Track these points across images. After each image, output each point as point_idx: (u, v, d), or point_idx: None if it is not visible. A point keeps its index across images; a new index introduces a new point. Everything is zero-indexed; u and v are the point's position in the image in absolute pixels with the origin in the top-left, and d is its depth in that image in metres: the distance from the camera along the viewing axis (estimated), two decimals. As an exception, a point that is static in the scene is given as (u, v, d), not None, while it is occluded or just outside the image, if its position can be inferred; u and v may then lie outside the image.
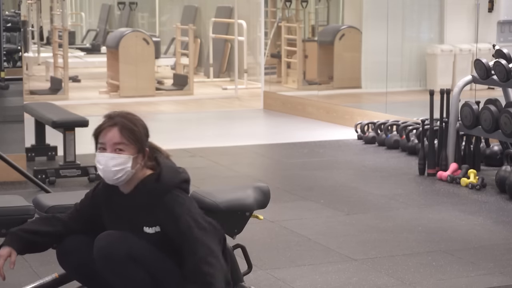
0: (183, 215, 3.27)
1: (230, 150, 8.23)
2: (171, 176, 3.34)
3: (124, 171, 3.28)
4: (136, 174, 3.33)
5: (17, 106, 7.47)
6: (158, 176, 3.33)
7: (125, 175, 3.29)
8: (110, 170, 3.28)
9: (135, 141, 3.30)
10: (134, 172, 3.31)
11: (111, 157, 3.27)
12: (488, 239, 5.26)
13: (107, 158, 3.27)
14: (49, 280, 3.68)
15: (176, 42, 13.51)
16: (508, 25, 10.88)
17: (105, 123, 3.32)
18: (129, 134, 3.29)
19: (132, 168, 3.29)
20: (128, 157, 3.28)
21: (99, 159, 3.30)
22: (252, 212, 3.77)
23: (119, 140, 3.28)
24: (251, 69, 13.72)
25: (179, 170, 3.42)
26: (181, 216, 3.27)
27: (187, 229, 3.25)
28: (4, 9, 7.92)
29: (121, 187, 3.36)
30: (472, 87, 8.13)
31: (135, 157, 3.30)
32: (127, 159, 3.28)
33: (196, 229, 3.26)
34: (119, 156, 3.28)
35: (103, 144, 3.30)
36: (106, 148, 3.29)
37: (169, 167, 3.38)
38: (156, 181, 3.32)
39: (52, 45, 13.48)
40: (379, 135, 8.48)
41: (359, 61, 11.69)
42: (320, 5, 13.52)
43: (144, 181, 3.33)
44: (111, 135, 3.29)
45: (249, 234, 4.99)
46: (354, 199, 6.25)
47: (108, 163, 3.27)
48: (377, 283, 4.43)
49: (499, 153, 7.14)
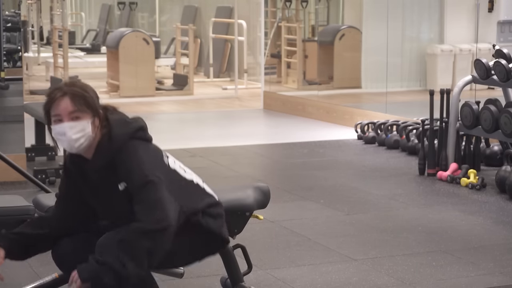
0: (134, 168, 3.26)
1: (230, 150, 8.23)
2: (121, 130, 3.33)
3: (85, 137, 3.28)
4: (95, 139, 3.32)
5: (17, 106, 7.48)
6: (110, 133, 3.32)
7: (86, 141, 3.29)
8: (72, 139, 3.27)
9: (88, 106, 3.29)
10: (94, 136, 3.31)
11: (69, 126, 3.26)
12: (488, 239, 5.26)
13: (66, 127, 3.26)
14: (49, 280, 3.68)
15: (176, 42, 13.52)
16: (508, 25, 10.88)
17: (55, 94, 3.29)
18: (81, 100, 3.28)
19: (92, 132, 3.29)
20: (86, 122, 3.28)
21: (58, 131, 3.29)
22: (252, 212, 3.77)
23: (73, 108, 3.27)
24: (251, 69, 13.72)
25: (129, 120, 3.40)
26: (132, 170, 3.26)
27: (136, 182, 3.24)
28: (4, 9, 7.93)
29: (84, 154, 3.36)
30: (472, 87, 8.13)
31: (92, 121, 3.30)
32: (86, 125, 3.28)
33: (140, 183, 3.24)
34: (78, 123, 3.27)
35: (58, 115, 3.28)
36: (62, 119, 3.28)
37: (118, 121, 3.36)
38: (109, 140, 3.31)
39: (52, 45, 13.48)
40: (379, 135, 8.48)
41: (359, 61, 11.69)
42: (320, 5, 13.52)
43: (100, 143, 3.33)
44: (64, 105, 3.27)
45: (249, 234, 4.99)
46: (354, 199, 6.25)
47: (68, 132, 3.26)
48: (377, 283, 4.43)
49: (499, 153, 7.14)
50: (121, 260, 3.15)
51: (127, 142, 3.32)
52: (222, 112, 11.32)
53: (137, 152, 3.30)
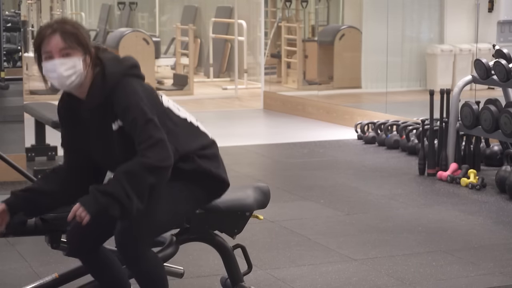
0: (132, 104, 3.23)
1: (230, 150, 8.23)
2: (114, 68, 3.30)
3: (77, 74, 3.25)
4: (87, 77, 3.29)
5: (17, 106, 7.48)
6: (103, 72, 3.28)
7: (78, 78, 3.26)
8: (63, 76, 3.23)
9: (79, 43, 3.26)
10: (85, 74, 3.27)
11: (60, 63, 3.23)
12: (488, 239, 5.26)
13: (57, 64, 3.23)
14: (49, 280, 3.68)
15: (176, 42, 13.52)
16: (508, 25, 10.88)
17: (46, 31, 3.27)
18: (72, 37, 3.25)
19: (83, 69, 3.26)
20: (77, 59, 3.24)
21: (48, 68, 3.25)
22: (252, 212, 3.76)
23: (64, 45, 3.24)
24: (251, 69, 13.72)
25: (122, 58, 3.37)
26: (131, 107, 3.23)
27: (136, 119, 3.21)
28: (4, 9, 7.93)
29: (77, 93, 3.32)
30: (472, 87, 8.13)
31: (83, 58, 3.26)
32: (77, 62, 3.24)
33: (142, 120, 3.21)
34: (69, 59, 3.24)
35: (48, 52, 3.25)
36: (53, 56, 3.24)
37: (110, 59, 3.33)
38: (102, 78, 3.28)
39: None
40: (379, 135, 8.48)
41: (359, 61, 11.69)
42: (320, 5, 13.52)
43: (93, 82, 3.29)
44: (55, 42, 3.24)
45: (249, 234, 4.99)
46: (354, 199, 6.25)
47: (59, 69, 3.23)
48: (377, 283, 4.43)
49: (499, 153, 7.14)
50: (127, 192, 3.13)
51: (121, 79, 3.28)
52: (222, 112, 11.32)
53: (134, 89, 3.27)
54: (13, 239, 4.92)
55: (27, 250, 4.92)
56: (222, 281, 3.87)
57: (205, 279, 4.45)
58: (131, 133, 3.23)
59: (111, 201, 3.13)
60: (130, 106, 3.23)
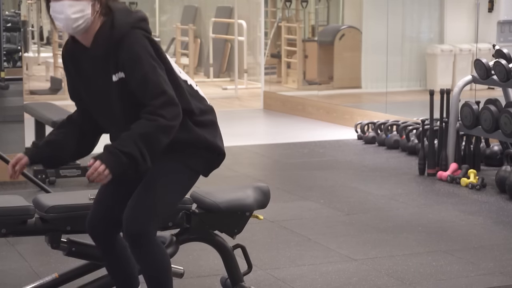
0: (141, 57, 3.19)
1: (230, 150, 8.20)
2: (124, 18, 3.25)
3: (84, 18, 3.20)
4: (94, 24, 3.25)
5: (17, 106, 7.48)
6: (112, 21, 3.24)
7: (84, 23, 3.21)
8: (70, 18, 3.19)
9: None
10: (93, 19, 3.23)
11: (69, 4, 3.19)
12: (488, 239, 5.26)
13: (66, 5, 3.19)
14: (49, 280, 3.68)
15: (176, 42, 13.52)
16: (508, 25, 10.88)
17: None
18: None
19: (91, 15, 3.22)
20: (86, 3, 3.20)
21: (56, 8, 3.21)
22: (252, 212, 3.77)
23: None
24: (251, 69, 13.72)
25: (132, 10, 3.33)
26: (140, 59, 3.19)
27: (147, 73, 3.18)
28: (4, 9, 7.93)
29: (82, 39, 3.28)
30: (472, 87, 8.13)
31: (93, 4, 3.22)
32: (86, 6, 3.20)
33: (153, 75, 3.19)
34: (78, 2, 3.19)
35: None
36: None
37: (121, 10, 3.29)
38: (111, 27, 3.23)
39: (52, 45, 13.47)
40: (379, 135, 8.49)
41: (359, 61, 11.69)
42: (320, 5, 13.52)
43: (101, 30, 3.25)
44: None
45: (249, 234, 4.99)
46: (354, 199, 6.25)
47: (67, 11, 3.19)
48: (377, 283, 4.43)
49: (499, 153, 7.14)
50: (143, 154, 3.14)
51: (130, 30, 3.23)
52: (222, 112, 11.31)
53: (143, 42, 3.23)
54: (13, 239, 4.92)
55: (27, 250, 4.92)
56: (222, 281, 3.87)
57: (205, 279, 4.45)
58: (137, 86, 3.20)
59: (129, 162, 3.14)
60: (139, 58, 3.19)
